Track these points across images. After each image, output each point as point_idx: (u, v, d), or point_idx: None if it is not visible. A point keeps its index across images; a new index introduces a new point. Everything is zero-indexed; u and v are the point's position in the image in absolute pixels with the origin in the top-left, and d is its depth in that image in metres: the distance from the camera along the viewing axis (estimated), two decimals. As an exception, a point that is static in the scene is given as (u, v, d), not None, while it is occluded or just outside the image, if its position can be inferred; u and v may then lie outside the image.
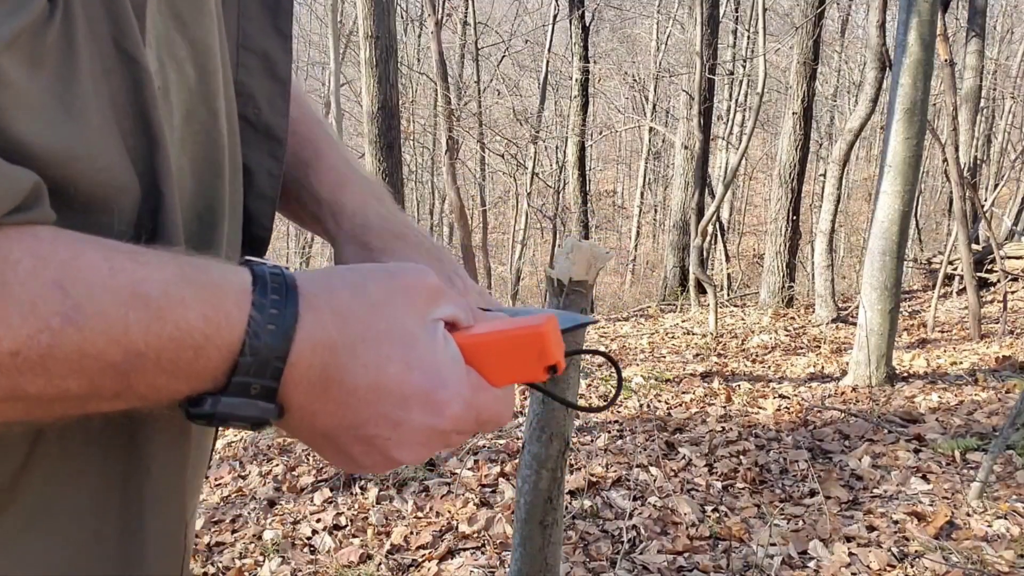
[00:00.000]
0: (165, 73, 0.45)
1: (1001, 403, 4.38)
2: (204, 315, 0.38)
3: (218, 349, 0.38)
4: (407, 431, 0.44)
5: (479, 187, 14.72)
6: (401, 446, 0.45)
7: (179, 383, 0.39)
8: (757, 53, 8.17)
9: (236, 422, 0.41)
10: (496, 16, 17.80)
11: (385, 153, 6.05)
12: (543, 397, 1.72)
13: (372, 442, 0.44)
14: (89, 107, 0.38)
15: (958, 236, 6.93)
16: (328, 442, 0.45)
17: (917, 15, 4.84)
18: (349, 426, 0.43)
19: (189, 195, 0.48)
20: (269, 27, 0.57)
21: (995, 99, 16.03)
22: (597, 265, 1.66)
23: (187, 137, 0.47)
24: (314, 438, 0.45)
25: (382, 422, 0.43)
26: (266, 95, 0.57)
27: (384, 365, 0.42)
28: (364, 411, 0.43)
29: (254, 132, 0.57)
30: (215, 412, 0.40)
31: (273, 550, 2.87)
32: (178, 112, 0.46)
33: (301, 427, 0.44)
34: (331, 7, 8.00)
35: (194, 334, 0.37)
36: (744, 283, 14.75)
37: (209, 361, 0.38)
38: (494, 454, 3.71)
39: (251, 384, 0.39)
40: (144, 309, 0.36)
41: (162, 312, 0.36)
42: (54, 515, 0.43)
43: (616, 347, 7.35)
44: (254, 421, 0.41)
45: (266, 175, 0.58)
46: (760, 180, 22.16)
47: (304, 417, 0.43)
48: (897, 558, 2.63)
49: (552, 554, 1.79)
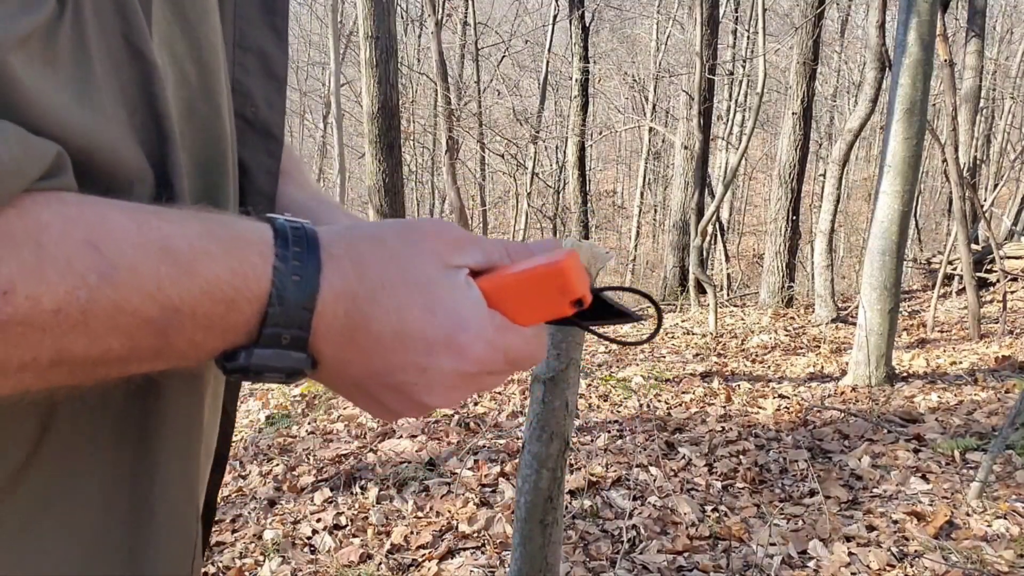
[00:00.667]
0: (164, 70, 0.45)
1: (1001, 403, 4.38)
2: (231, 268, 0.39)
3: (248, 302, 0.39)
4: (434, 375, 0.44)
5: (479, 187, 14.72)
6: (431, 391, 0.45)
7: (215, 338, 0.40)
8: (757, 53, 8.17)
9: (271, 374, 0.42)
10: (496, 16, 17.81)
11: (385, 153, 6.06)
12: (543, 397, 1.73)
13: (401, 389, 0.45)
14: (105, 102, 0.39)
15: (958, 236, 6.93)
16: (360, 391, 0.46)
17: (917, 15, 4.85)
18: (378, 373, 0.44)
19: (192, 193, 0.49)
20: (266, 26, 0.57)
21: (995, 99, 16.03)
22: (597, 265, 1.66)
23: (187, 134, 0.48)
24: (347, 388, 0.47)
25: (409, 368, 0.44)
26: (263, 94, 0.57)
27: (405, 311, 0.43)
28: (391, 358, 0.44)
29: (252, 131, 0.57)
30: (249, 365, 0.41)
31: (273, 550, 2.87)
32: (176, 108, 0.47)
33: (334, 377, 0.45)
34: (331, 7, 8.00)
35: (223, 287, 0.38)
36: (744, 283, 14.75)
37: (241, 314, 0.40)
38: (494, 454, 3.72)
39: (282, 334, 0.41)
40: (174, 264, 0.37)
41: (191, 266, 0.37)
42: (61, 508, 0.43)
43: (616, 347, 7.36)
44: (288, 371, 0.42)
45: (264, 173, 0.58)
46: (760, 180, 22.17)
47: (335, 367, 0.44)
48: (897, 558, 2.63)
49: (552, 554, 1.79)
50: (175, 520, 0.49)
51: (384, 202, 6.09)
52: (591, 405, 4.72)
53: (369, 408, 0.48)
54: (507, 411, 4.49)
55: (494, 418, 4.34)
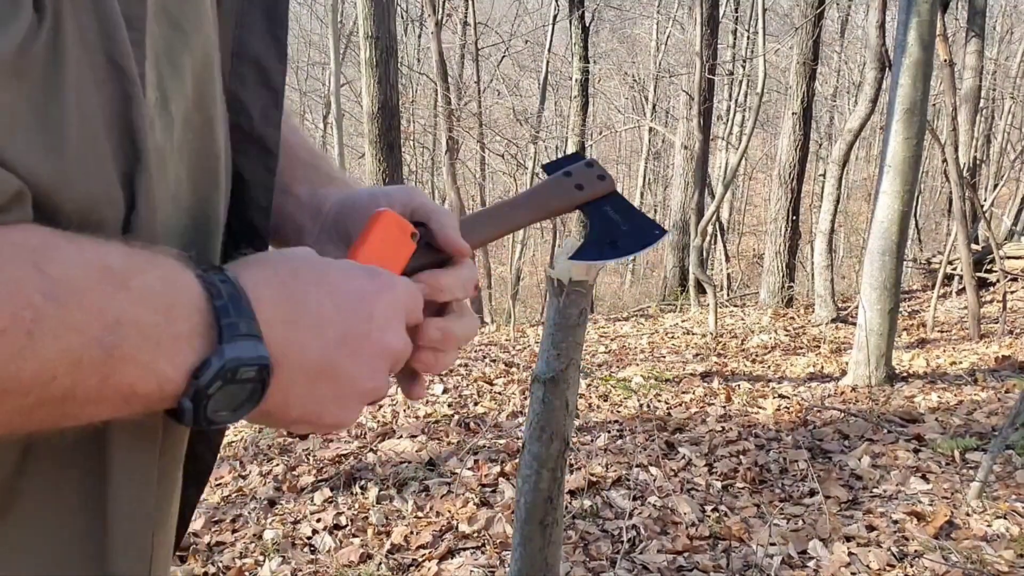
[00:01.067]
0: (164, 84, 0.45)
1: (1000, 403, 4.38)
2: (161, 278, 0.40)
3: (185, 307, 0.40)
4: (380, 313, 0.49)
5: (479, 187, 14.72)
6: (384, 330, 0.49)
7: (165, 356, 0.39)
8: (757, 53, 8.17)
9: (246, 369, 0.42)
10: (496, 16, 17.81)
11: (385, 153, 6.06)
12: (543, 397, 1.73)
13: (361, 342, 0.48)
14: (71, 123, 0.38)
15: (958, 236, 6.94)
16: (325, 375, 0.47)
17: (917, 15, 4.85)
18: (335, 339, 0.46)
19: (186, 204, 0.48)
20: (266, 34, 0.56)
21: (995, 99, 16.03)
22: (597, 265, 1.66)
23: (184, 145, 0.48)
24: (316, 381, 0.46)
25: (359, 321, 0.48)
26: (259, 105, 0.57)
27: (326, 281, 0.48)
28: (342, 318, 0.47)
29: (248, 142, 0.56)
30: (224, 363, 0.40)
31: (273, 550, 2.87)
32: (177, 122, 0.47)
33: (298, 367, 0.45)
34: (331, 7, 8.00)
35: (158, 298, 0.39)
36: (744, 283, 14.75)
37: (185, 322, 0.40)
38: (494, 454, 3.72)
39: (238, 324, 0.41)
40: (111, 280, 0.38)
41: (126, 279, 0.38)
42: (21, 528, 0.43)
43: (616, 347, 7.36)
44: (259, 364, 0.42)
45: (261, 186, 0.58)
46: (760, 180, 22.17)
47: (294, 355, 0.45)
48: (897, 558, 2.63)
49: (552, 554, 1.79)
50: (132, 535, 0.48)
51: (384, 202, 6.10)
52: (591, 405, 4.73)
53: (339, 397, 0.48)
54: (507, 411, 4.49)
55: (494, 418, 4.34)
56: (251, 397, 0.43)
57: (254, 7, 0.56)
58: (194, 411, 0.41)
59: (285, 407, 0.46)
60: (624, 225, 0.65)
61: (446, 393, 4.94)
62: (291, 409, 0.47)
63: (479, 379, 5.33)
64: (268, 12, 0.57)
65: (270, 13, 0.57)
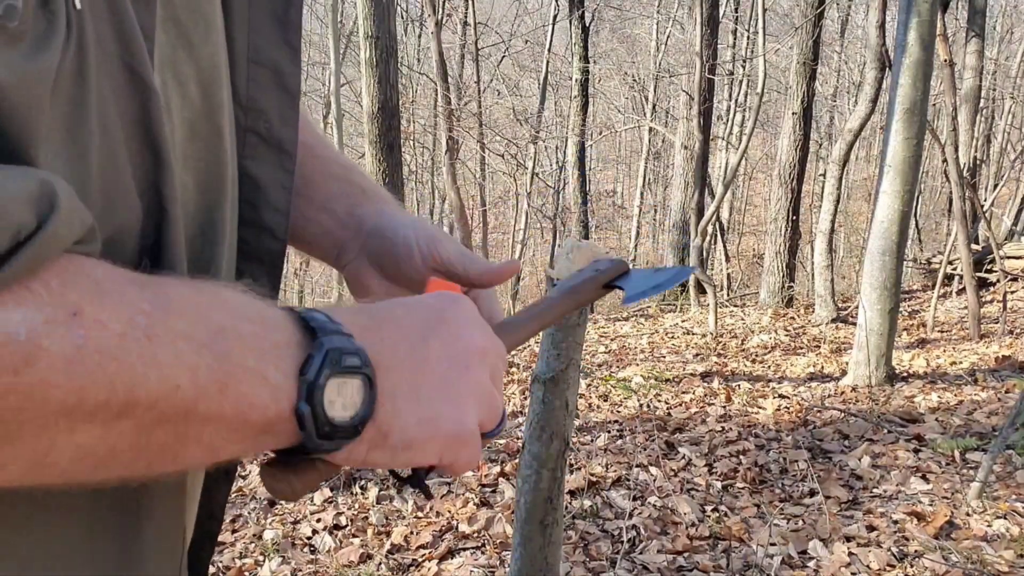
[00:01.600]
0: (167, 92, 0.45)
1: (1001, 403, 4.38)
2: (242, 293, 0.41)
3: (273, 319, 0.41)
4: (453, 316, 0.50)
5: (479, 187, 14.72)
6: (463, 328, 0.50)
7: (270, 363, 0.39)
8: (757, 53, 8.18)
9: (348, 356, 0.41)
10: (496, 16, 17.80)
11: (385, 153, 6.06)
12: (543, 397, 1.73)
13: (447, 336, 0.48)
14: (94, 135, 0.39)
15: (958, 236, 6.94)
16: (426, 373, 0.47)
17: (917, 15, 4.85)
18: (420, 339, 0.47)
19: (193, 212, 0.49)
20: (279, 40, 0.57)
21: (995, 99, 16.03)
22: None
23: (191, 155, 0.48)
24: (417, 380, 0.46)
25: (433, 322, 0.49)
26: (276, 108, 0.57)
27: (393, 299, 0.52)
28: (416, 321, 0.48)
29: (266, 146, 0.57)
30: (327, 352, 0.40)
31: (273, 550, 2.87)
32: (180, 130, 0.47)
33: (395, 368, 0.45)
34: (331, 7, 8.00)
35: (248, 309, 0.40)
36: (744, 283, 14.75)
37: (278, 331, 0.41)
38: (494, 454, 3.72)
39: (326, 324, 0.42)
40: (204, 293, 0.39)
41: (216, 292, 0.40)
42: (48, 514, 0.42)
43: (616, 347, 7.36)
44: (359, 353, 0.42)
45: (279, 188, 0.58)
46: (760, 180, 22.16)
47: (388, 352, 0.45)
48: (897, 558, 2.63)
49: (552, 554, 1.79)
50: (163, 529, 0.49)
51: (384, 202, 6.09)
52: (591, 405, 4.72)
53: (447, 396, 0.47)
54: (507, 411, 4.49)
55: (494, 418, 4.34)
56: (363, 397, 0.42)
57: (263, 13, 0.57)
58: (313, 414, 0.40)
59: (398, 416, 0.44)
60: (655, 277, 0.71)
61: (446, 393, 4.93)
62: (405, 417, 0.45)
63: (479, 379, 5.33)
64: (279, 18, 0.57)
65: (281, 19, 0.57)
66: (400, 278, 0.68)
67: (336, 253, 0.70)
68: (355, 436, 0.43)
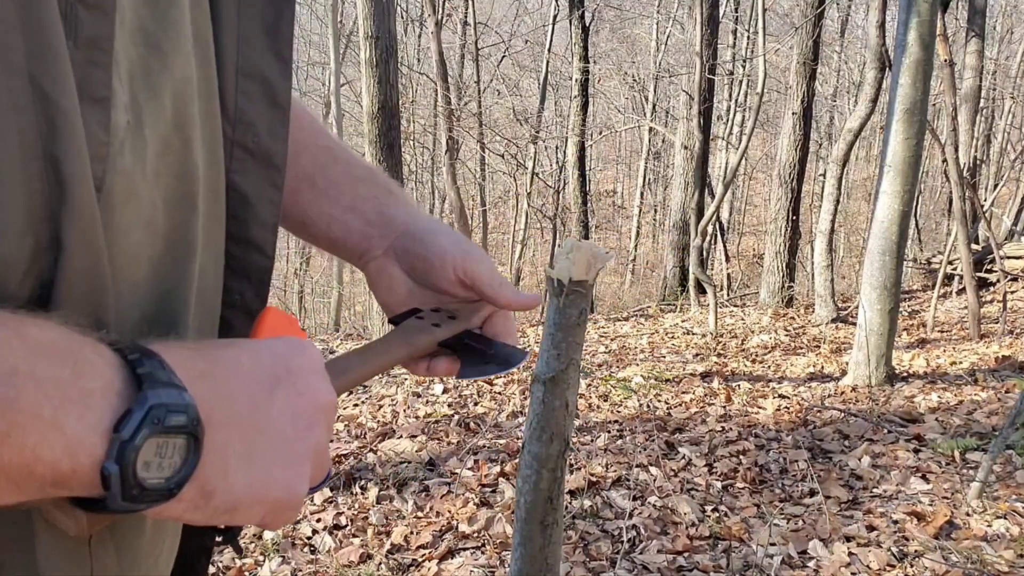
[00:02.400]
0: (139, 106, 0.43)
1: (1001, 403, 4.38)
2: (62, 333, 0.36)
3: (94, 363, 0.36)
4: (299, 367, 0.46)
5: (479, 187, 14.73)
6: (310, 380, 0.46)
7: (71, 414, 0.35)
8: (757, 53, 8.17)
9: (174, 416, 0.37)
10: (496, 16, 17.80)
11: (385, 153, 6.05)
12: (543, 397, 1.72)
13: (290, 391, 0.44)
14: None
15: (958, 236, 6.94)
16: (264, 430, 0.43)
17: (917, 15, 4.85)
18: (263, 392, 0.43)
19: (162, 229, 0.47)
20: (269, 53, 0.56)
21: (995, 99, 16.03)
22: (597, 265, 1.66)
23: (162, 170, 0.46)
24: (252, 437, 0.42)
25: (279, 372, 0.45)
26: (266, 122, 0.56)
27: (236, 344, 0.46)
28: (261, 372, 0.44)
29: (253, 160, 0.56)
30: (149, 408, 0.36)
31: (273, 550, 2.87)
32: (153, 145, 0.45)
33: (229, 422, 0.41)
34: (331, 7, 8.01)
35: (60, 351, 0.35)
36: (744, 283, 14.75)
37: (94, 376, 0.36)
38: (494, 454, 3.72)
39: (156, 373, 0.37)
40: (2, 327, 0.34)
41: (20, 328, 0.34)
42: None
43: (616, 347, 7.36)
44: (187, 411, 0.38)
45: (267, 203, 0.57)
46: (760, 180, 22.17)
47: (222, 406, 0.41)
48: (897, 558, 2.63)
49: (552, 554, 1.79)
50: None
51: (384, 202, 6.09)
52: (591, 405, 4.72)
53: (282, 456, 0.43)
54: (507, 411, 4.49)
55: (494, 418, 4.34)
56: (186, 457, 0.38)
57: (253, 24, 0.55)
58: (121, 476, 0.35)
59: (226, 476, 0.40)
60: (491, 349, 0.71)
61: (446, 393, 4.94)
62: (234, 478, 0.41)
63: (479, 379, 5.33)
64: (269, 30, 0.56)
65: (271, 31, 0.56)
66: (428, 283, 0.70)
67: (361, 251, 0.71)
68: (169, 499, 0.38)
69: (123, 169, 0.42)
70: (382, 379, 5.43)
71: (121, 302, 0.44)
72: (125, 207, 0.43)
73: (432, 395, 4.89)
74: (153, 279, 0.47)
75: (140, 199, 0.45)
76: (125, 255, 0.44)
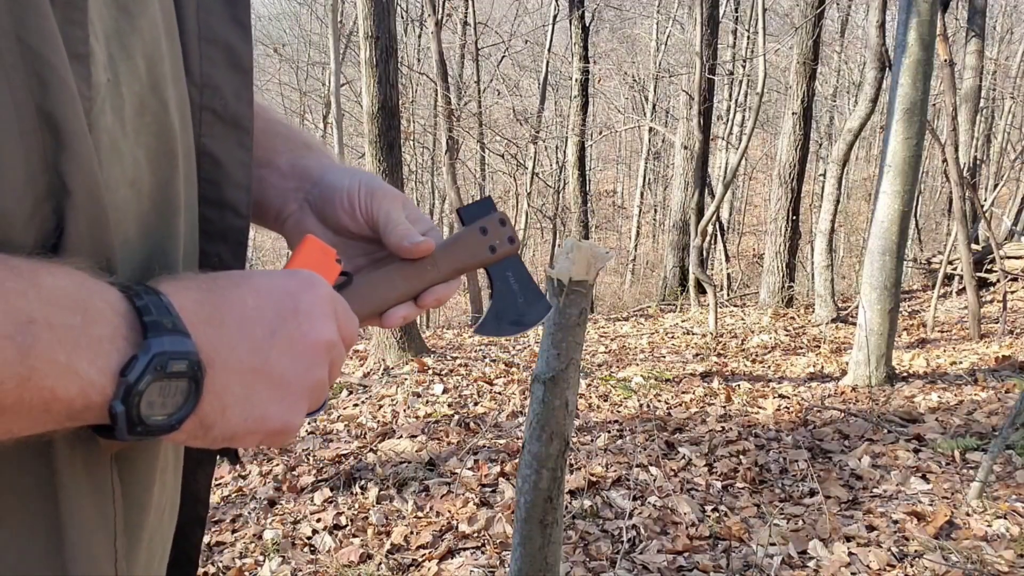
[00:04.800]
0: (115, 65, 0.45)
1: (1001, 403, 4.38)
2: (74, 281, 0.39)
3: (103, 310, 0.39)
4: (306, 307, 0.48)
5: (479, 187, 14.73)
6: (312, 323, 0.48)
7: (83, 356, 0.38)
8: (757, 53, 8.17)
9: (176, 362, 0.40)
10: (496, 16, 17.80)
11: (385, 153, 6.05)
12: (543, 397, 1.72)
13: (292, 338, 0.47)
14: None
15: (958, 236, 6.94)
16: (258, 375, 0.45)
17: (917, 15, 4.85)
18: (263, 336, 0.46)
19: (147, 187, 0.48)
20: (229, 19, 0.57)
21: (995, 99, 16.04)
22: (597, 265, 1.66)
23: (141, 128, 0.47)
24: (252, 380, 0.45)
25: (285, 314, 0.47)
26: (231, 86, 0.57)
27: (248, 280, 0.48)
28: (265, 315, 0.46)
29: (222, 124, 0.57)
30: (152, 356, 0.39)
31: (273, 550, 2.87)
32: (130, 104, 0.46)
33: (231, 367, 0.44)
34: (331, 7, 8.00)
35: (72, 299, 0.38)
36: (744, 283, 14.75)
37: (102, 323, 0.39)
38: (494, 454, 3.71)
39: (161, 321, 0.40)
40: (18, 277, 0.36)
41: (35, 278, 0.37)
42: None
43: (616, 347, 7.36)
44: (189, 358, 0.41)
45: (238, 164, 0.59)
46: (760, 180, 22.17)
47: (225, 352, 0.44)
48: (897, 558, 2.63)
49: (552, 554, 1.79)
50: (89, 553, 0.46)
51: (384, 202, 6.09)
52: (591, 405, 4.72)
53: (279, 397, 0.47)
54: (507, 411, 4.49)
55: (494, 418, 4.34)
56: (187, 397, 0.42)
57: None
58: (127, 414, 0.39)
59: (224, 413, 0.44)
60: (521, 297, 0.69)
61: (446, 393, 4.94)
62: (231, 415, 0.45)
63: (479, 379, 5.33)
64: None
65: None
66: (340, 229, 0.67)
67: (278, 207, 0.68)
68: (170, 432, 0.42)
69: (105, 126, 0.44)
70: (382, 379, 5.43)
71: (115, 259, 0.45)
72: (111, 164, 0.45)
73: (432, 395, 4.89)
74: (142, 237, 0.48)
75: (123, 156, 0.46)
76: (114, 211, 0.45)
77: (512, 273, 0.69)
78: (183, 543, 0.63)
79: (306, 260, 0.57)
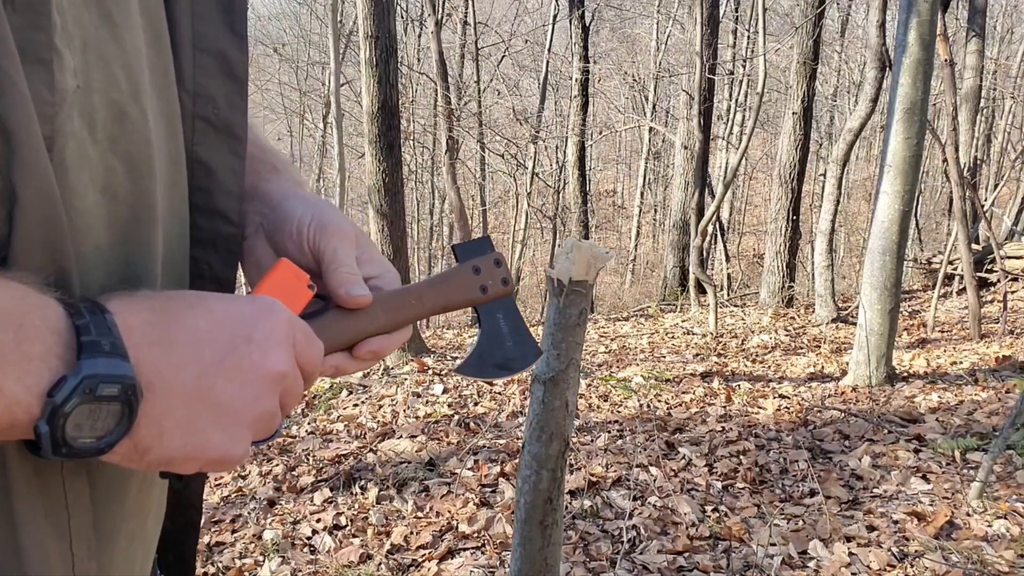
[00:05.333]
0: (88, 71, 0.44)
1: (1001, 403, 4.38)
2: (12, 296, 0.38)
3: (39, 327, 0.39)
4: (261, 336, 0.47)
5: (479, 187, 14.73)
6: (265, 354, 0.47)
7: (10, 376, 0.38)
8: (757, 53, 8.17)
9: (107, 387, 0.40)
10: (496, 16, 17.80)
11: (385, 153, 6.05)
12: (543, 397, 1.72)
13: (240, 366, 0.46)
14: None
15: (958, 236, 6.93)
16: (201, 399, 0.45)
17: (917, 15, 4.84)
18: (211, 362, 0.45)
19: (123, 195, 0.48)
20: (224, 28, 0.57)
21: (995, 99, 16.03)
22: (597, 265, 1.66)
23: (119, 136, 0.47)
24: (195, 406, 0.44)
25: (237, 341, 0.46)
26: (224, 94, 0.57)
27: (205, 302, 0.47)
28: (217, 337, 0.46)
29: (214, 132, 0.57)
30: (81, 379, 0.39)
31: (273, 550, 2.87)
32: (106, 111, 0.46)
33: (174, 391, 0.43)
34: (331, 7, 8.00)
35: (5, 315, 0.37)
36: (744, 283, 14.75)
37: (35, 341, 0.38)
38: (494, 454, 3.71)
39: (100, 342, 0.40)
40: None
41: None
42: None
43: (616, 347, 7.36)
44: (122, 382, 0.40)
45: (230, 172, 0.59)
46: (760, 180, 22.17)
47: (169, 375, 0.43)
48: (897, 558, 2.63)
49: (552, 554, 1.79)
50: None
51: (384, 202, 6.09)
52: (591, 405, 4.72)
53: (222, 425, 0.46)
54: (507, 411, 4.49)
55: (494, 418, 4.34)
56: (118, 421, 0.41)
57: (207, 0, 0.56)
58: (51, 435, 0.39)
59: (161, 438, 0.44)
60: (510, 340, 0.68)
61: (446, 393, 4.94)
62: (169, 440, 0.44)
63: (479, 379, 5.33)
64: (224, 5, 0.57)
65: (226, 7, 0.57)
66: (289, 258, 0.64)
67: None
68: (99, 455, 0.42)
69: (72, 131, 0.44)
70: (382, 379, 5.43)
71: (85, 264, 0.45)
72: (79, 170, 0.44)
73: (432, 395, 4.89)
74: (116, 244, 0.48)
75: (93, 163, 0.45)
76: (83, 217, 0.45)
77: (503, 315, 0.68)
78: (179, 548, 0.63)
79: (276, 283, 0.56)
